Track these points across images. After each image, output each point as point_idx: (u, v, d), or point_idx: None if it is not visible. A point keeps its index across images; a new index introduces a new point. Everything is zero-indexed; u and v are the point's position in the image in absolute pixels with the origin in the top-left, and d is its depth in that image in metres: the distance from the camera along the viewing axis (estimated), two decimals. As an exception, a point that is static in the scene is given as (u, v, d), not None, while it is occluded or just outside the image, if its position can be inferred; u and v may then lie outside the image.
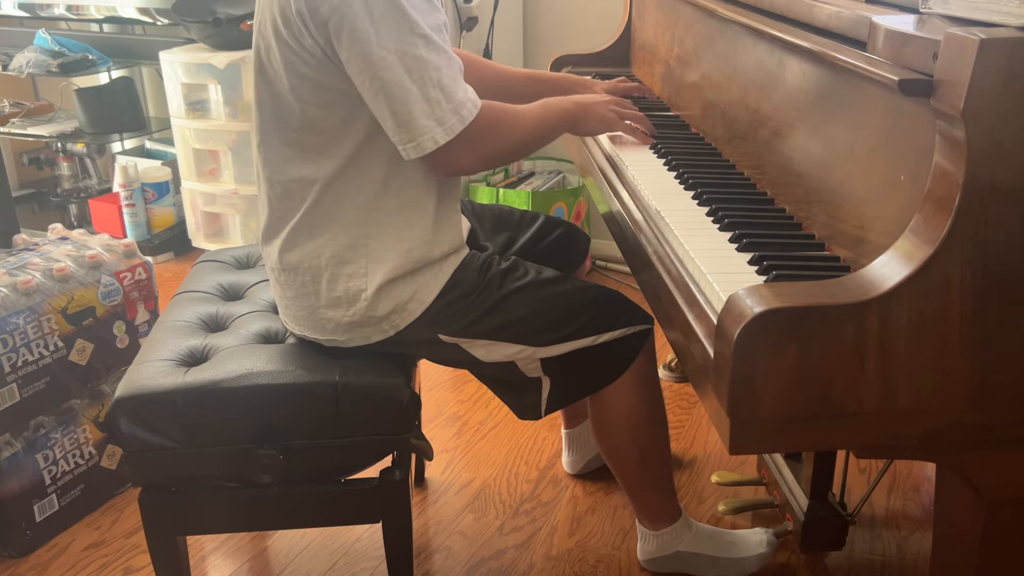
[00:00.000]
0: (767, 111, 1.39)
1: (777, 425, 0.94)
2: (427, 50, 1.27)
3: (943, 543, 1.14)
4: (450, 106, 1.29)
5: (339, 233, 1.39)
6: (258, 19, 1.36)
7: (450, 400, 2.34)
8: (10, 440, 1.76)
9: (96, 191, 3.57)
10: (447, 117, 1.29)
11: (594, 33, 2.83)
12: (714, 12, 1.56)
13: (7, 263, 1.86)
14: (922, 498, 1.89)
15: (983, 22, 0.94)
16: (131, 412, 1.33)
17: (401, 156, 1.33)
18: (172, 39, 3.24)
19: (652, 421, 1.57)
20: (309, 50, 1.29)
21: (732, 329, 0.92)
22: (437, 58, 1.28)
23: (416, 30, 1.26)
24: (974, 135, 0.87)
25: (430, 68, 1.27)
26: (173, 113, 3.08)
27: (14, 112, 3.43)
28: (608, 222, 1.63)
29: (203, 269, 1.77)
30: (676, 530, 1.65)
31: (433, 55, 1.28)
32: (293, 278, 1.43)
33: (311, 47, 1.29)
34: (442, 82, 1.28)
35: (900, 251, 0.93)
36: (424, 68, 1.27)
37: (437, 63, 1.28)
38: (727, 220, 1.29)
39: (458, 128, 1.30)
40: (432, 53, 1.28)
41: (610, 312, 1.46)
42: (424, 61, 1.27)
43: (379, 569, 1.74)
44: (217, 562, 1.78)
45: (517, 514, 1.90)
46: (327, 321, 1.42)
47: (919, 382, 0.93)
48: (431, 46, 1.28)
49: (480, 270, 1.44)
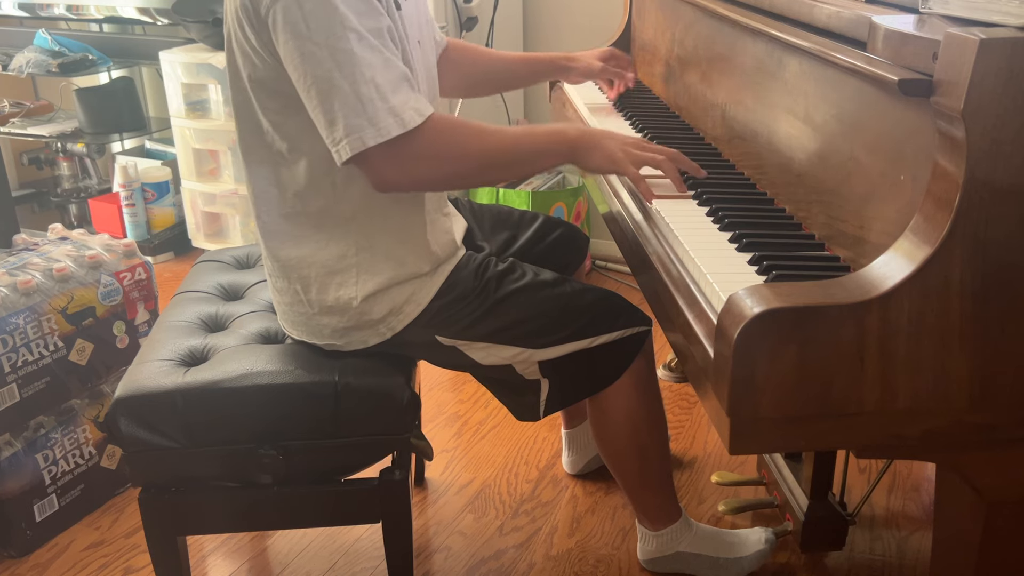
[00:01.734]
0: (767, 111, 1.39)
1: (777, 425, 0.94)
2: (360, 46, 1.21)
3: (943, 543, 1.14)
4: (385, 106, 1.22)
5: (326, 244, 1.38)
6: (226, 25, 1.36)
7: (450, 400, 2.34)
8: (10, 440, 1.76)
9: (96, 191, 3.57)
10: (381, 117, 1.21)
11: (594, 33, 2.83)
12: (714, 12, 1.56)
13: (7, 263, 1.86)
14: (922, 498, 1.89)
15: (983, 22, 0.94)
16: (131, 412, 1.34)
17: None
18: (172, 39, 3.24)
19: (651, 422, 1.57)
20: (258, 50, 1.28)
21: (732, 329, 0.92)
22: (371, 56, 1.22)
23: (347, 23, 1.20)
24: (974, 135, 0.87)
25: (362, 64, 1.21)
26: (173, 113, 3.08)
27: (14, 112, 3.43)
28: (608, 222, 1.63)
29: (203, 269, 1.77)
30: (676, 530, 1.65)
31: (367, 53, 1.22)
32: (286, 285, 1.42)
33: (258, 46, 1.27)
34: (376, 80, 1.21)
35: (900, 251, 0.93)
36: (355, 63, 1.21)
37: (371, 61, 1.22)
38: (727, 220, 1.29)
39: (394, 131, 1.22)
40: (366, 51, 1.22)
41: (608, 314, 1.46)
42: (355, 56, 1.21)
43: (379, 569, 1.74)
44: (217, 562, 1.78)
45: (517, 514, 1.90)
46: (323, 327, 1.42)
47: (919, 382, 0.93)
48: (364, 43, 1.21)
49: (477, 272, 1.44)
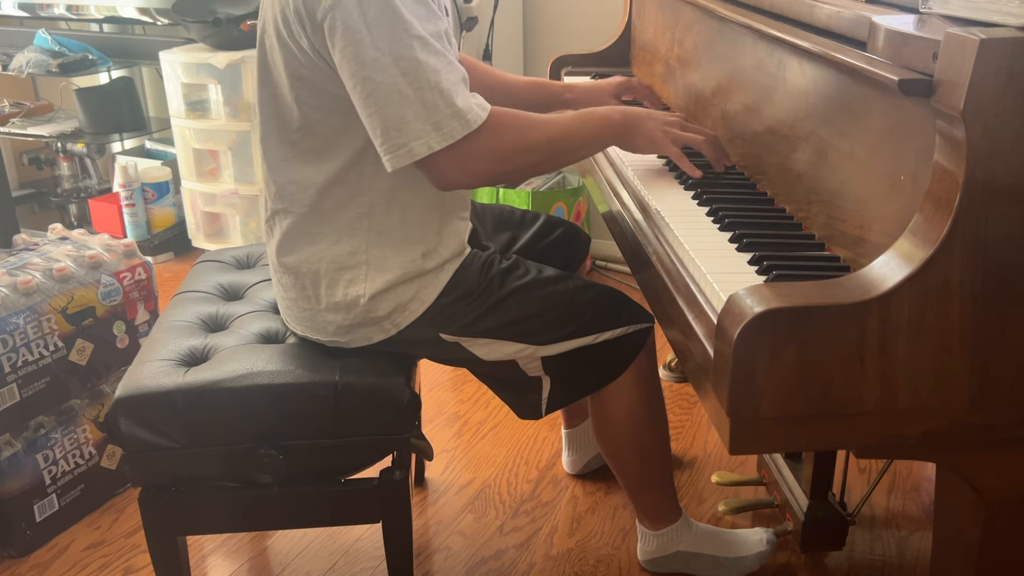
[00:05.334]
0: (767, 111, 1.39)
1: (777, 425, 0.94)
2: (424, 52, 1.22)
3: (943, 543, 1.14)
4: (449, 110, 1.23)
5: (339, 240, 1.38)
6: (262, 18, 1.36)
7: (450, 400, 2.34)
8: (10, 440, 1.76)
9: (96, 191, 3.57)
10: (445, 122, 1.23)
11: (594, 33, 2.83)
12: (714, 12, 1.56)
13: (7, 263, 1.86)
14: (922, 498, 1.89)
15: (983, 22, 0.94)
16: (131, 412, 1.33)
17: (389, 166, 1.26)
18: (172, 39, 3.24)
19: (652, 420, 1.57)
20: (307, 52, 1.28)
21: (732, 329, 0.91)
22: (435, 61, 1.23)
23: (411, 31, 1.22)
24: (974, 135, 0.87)
25: (427, 71, 1.22)
26: (173, 113, 3.08)
27: (14, 112, 3.43)
28: (608, 222, 1.63)
29: (203, 269, 1.77)
30: (676, 530, 1.65)
31: (431, 58, 1.23)
32: (293, 281, 1.43)
33: (308, 48, 1.27)
34: (440, 85, 1.22)
35: (900, 251, 0.93)
36: (420, 70, 1.22)
37: (435, 66, 1.23)
38: (727, 220, 1.29)
39: (459, 133, 1.24)
40: (429, 56, 1.23)
41: (611, 311, 1.46)
42: (420, 63, 1.22)
43: (379, 569, 1.74)
44: (217, 562, 1.78)
45: (517, 514, 1.90)
46: (328, 324, 1.42)
47: (919, 382, 0.93)
48: (428, 49, 1.23)
49: (481, 269, 1.44)
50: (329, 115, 1.32)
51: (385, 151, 1.25)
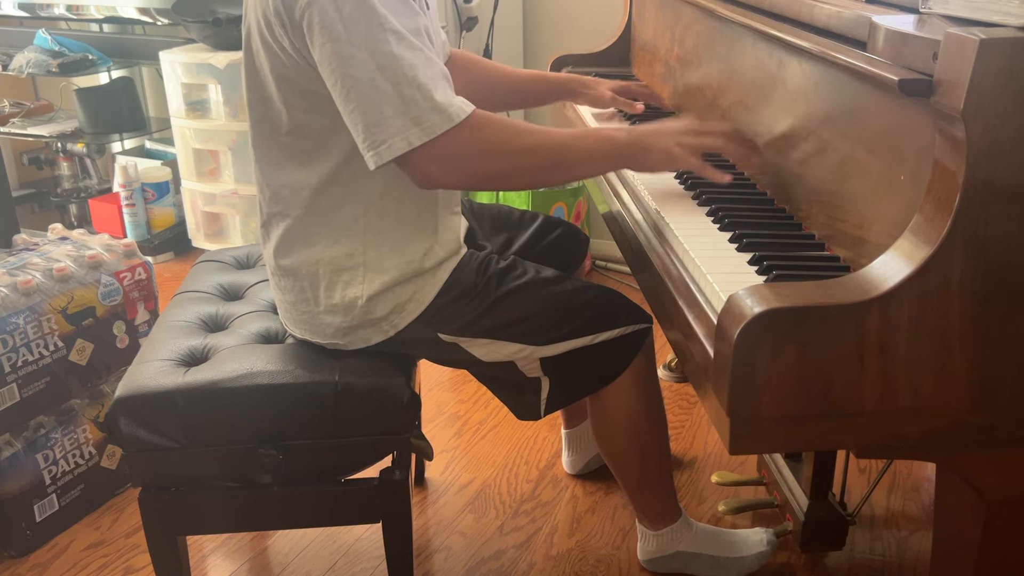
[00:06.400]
0: (767, 111, 1.39)
1: (777, 425, 0.94)
2: (399, 47, 1.20)
3: (943, 543, 1.14)
4: (428, 105, 1.20)
5: (336, 242, 1.38)
6: (246, 21, 1.36)
7: (450, 400, 2.34)
8: (10, 440, 1.76)
9: (96, 191, 3.57)
10: (425, 116, 1.20)
11: (594, 33, 2.83)
12: (714, 12, 1.56)
13: (7, 263, 1.86)
14: (922, 498, 1.89)
15: (983, 22, 0.94)
16: (131, 412, 1.34)
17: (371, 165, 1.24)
18: (172, 39, 3.24)
19: (652, 421, 1.57)
20: (289, 52, 1.27)
21: (732, 329, 0.92)
22: (411, 56, 1.21)
23: (386, 25, 1.19)
24: (974, 135, 0.87)
25: (403, 65, 1.20)
26: (173, 113, 3.08)
27: (14, 112, 3.43)
28: (608, 222, 1.63)
29: (203, 269, 1.77)
30: (676, 530, 1.65)
31: (407, 52, 1.20)
32: (292, 284, 1.42)
33: (290, 48, 1.27)
34: (418, 80, 1.20)
35: (900, 251, 0.93)
36: (396, 65, 1.19)
37: (411, 61, 1.20)
38: (727, 220, 1.29)
39: (440, 128, 1.21)
40: (405, 50, 1.20)
41: (609, 311, 1.46)
42: (396, 57, 1.19)
43: (379, 569, 1.74)
44: (217, 562, 1.78)
45: (517, 514, 1.90)
46: (327, 326, 1.42)
47: (919, 382, 0.93)
48: (404, 43, 1.20)
49: (479, 269, 1.44)
50: (317, 116, 1.32)
51: (367, 148, 1.24)
